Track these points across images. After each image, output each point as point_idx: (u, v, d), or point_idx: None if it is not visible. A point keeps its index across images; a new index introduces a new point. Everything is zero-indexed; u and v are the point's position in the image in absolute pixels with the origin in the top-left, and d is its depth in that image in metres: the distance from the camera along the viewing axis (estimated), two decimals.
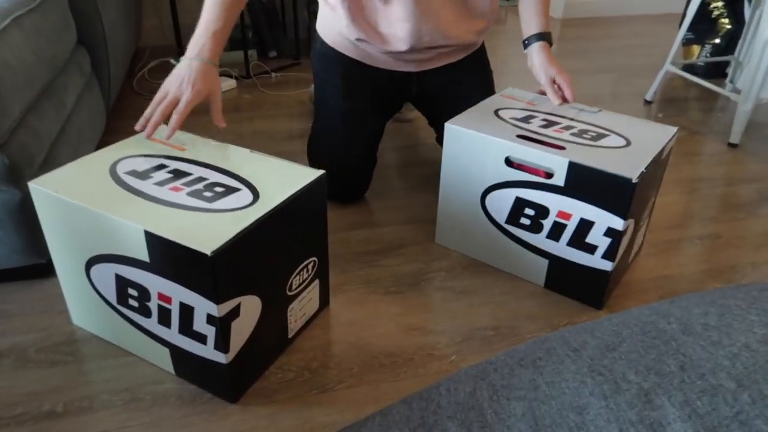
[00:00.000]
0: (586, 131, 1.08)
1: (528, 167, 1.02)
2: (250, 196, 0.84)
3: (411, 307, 1.07)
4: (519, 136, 1.04)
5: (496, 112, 1.14)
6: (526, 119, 1.11)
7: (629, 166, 0.96)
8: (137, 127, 0.98)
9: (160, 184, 0.87)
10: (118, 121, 1.75)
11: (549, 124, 1.10)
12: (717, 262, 1.23)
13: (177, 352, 0.87)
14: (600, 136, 1.06)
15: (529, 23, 1.22)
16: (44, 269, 1.11)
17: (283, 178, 0.89)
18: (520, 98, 1.22)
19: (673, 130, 1.11)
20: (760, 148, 1.71)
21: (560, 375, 0.38)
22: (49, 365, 0.93)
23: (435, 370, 0.94)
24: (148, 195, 0.84)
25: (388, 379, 0.92)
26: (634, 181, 0.93)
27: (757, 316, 0.39)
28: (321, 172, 0.91)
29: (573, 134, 1.06)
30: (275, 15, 2.28)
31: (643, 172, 0.94)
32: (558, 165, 0.98)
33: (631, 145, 1.04)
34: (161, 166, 0.92)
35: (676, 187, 1.50)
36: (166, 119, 0.98)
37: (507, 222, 1.10)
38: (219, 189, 0.86)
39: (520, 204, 1.06)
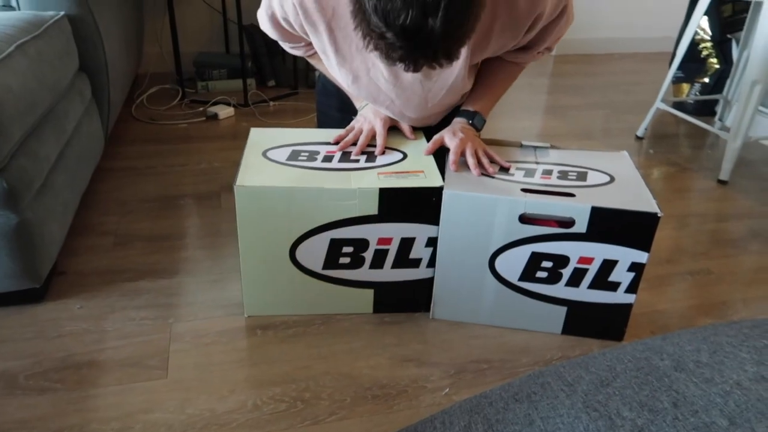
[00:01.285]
0: (566, 173, 1.09)
1: (541, 221, 1.01)
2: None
3: (405, 338, 1.07)
4: (524, 190, 1.01)
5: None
6: (506, 171, 1.09)
7: (642, 200, 0.99)
8: (337, 146, 1.12)
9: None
10: (115, 147, 1.76)
11: (529, 172, 1.09)
12: (708, 297, 1.24)
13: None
14: (583, 176, 1.08)
15: (468, 98, 1.17)
16: (38, 294, 1.10)
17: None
18: None
19: (626, 153, 1.18)
20: (750, 185, 1.74)
21: (555, 410, 0.39)
22: (38, 392, 0.92)
23: (428, 403, 0.94)
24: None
25: (381, 411, 0.92)
26: (659, 214, 0.96)
27: (749, 353, 0.40)
28: None
29: (560, 178, 1.07)
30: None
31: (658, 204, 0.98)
32: (579, 212, 0.98)
33: (615, 179, 1.06)
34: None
35: (668, 223, 1.52)
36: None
37: (521, 279, 1.06)
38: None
39: (536, 259, 1.03)
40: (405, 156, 1.10)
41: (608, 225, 0.98)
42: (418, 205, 1.01)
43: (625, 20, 3.09)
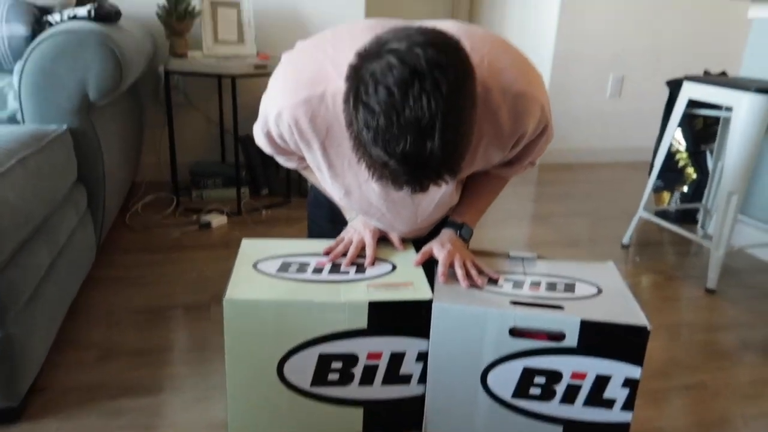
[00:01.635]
0: (554, 284, 1.10)
1: (531, 334, 1.00)
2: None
3: None
4: (514, 303, 1.01)
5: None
6: (494, 283, 1.09)
7: (630, 313, 0.99)
8: (327, 257, 1.12)
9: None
10: (107, 255, 1.76)
11: (518, 283, 1.09)
12: (707, 414, 1.21)
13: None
14: (571, 287, 1.09)
15: (456, 210, 1.18)
16: (14, 413, 1.06)
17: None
18: None
19: (612, 264, 1.19)
20: (737, 293, 1.75)
21: None
22: None
23: None
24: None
25: None
26: (648, 328, 0.95)
27: None
28: None
29: (548, 289, 1.07)
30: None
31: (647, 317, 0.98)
32: (569, 325, 0.97)
33: (603, 290, 1.07)
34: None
35: (659, 334, 1.51)
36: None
37: (515, 396, 1.03)
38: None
39: (528, 375, 1.01)
40: (394, 267, 1.10)
41: (598, 338, 0.97)
42: (407, 318, 1.01)
43: (604, 131, 3.25)
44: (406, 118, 0.74)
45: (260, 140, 1.13)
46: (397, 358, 1.03)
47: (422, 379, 1.05)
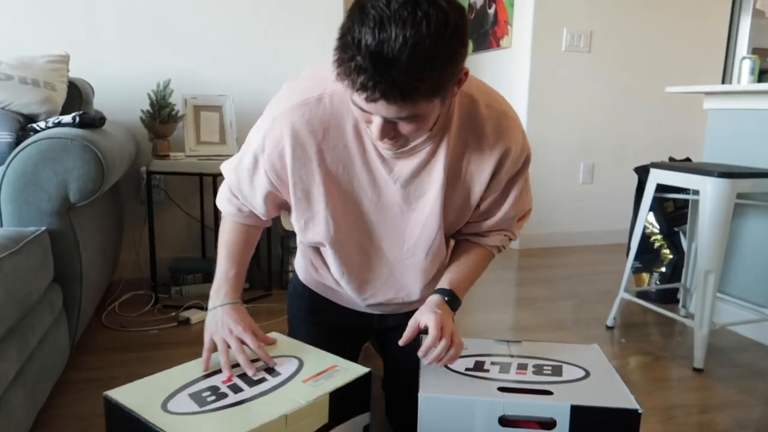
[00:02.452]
0: (541, 367, 1.08)
1: (522, 422, 0.96)
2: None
3: None
4: (501, 389, 0.99)
5: (446, 365, 1.08)
6: (480, 367, 1.08)
7: (620, 396, 0.97)
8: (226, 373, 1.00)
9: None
10: (81, 357, 1.71)
11: (504, 367, 1.08)
12: None
13: None
14: (558, 369, 1.07)
15: (446, 277, 1.15)
16: None
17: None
18: None
19: (597, 347, 1.19)
20: (726, 372, 1.74)
21: None
22: None
23: None
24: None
25: None
26: (640, 411, 0.93)
27: None
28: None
29: (536, 373, 1.06)
30: None
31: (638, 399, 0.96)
32: (559, 411, 0.95)
33: (591, 373, 1.06)
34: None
35: (652, 416, 1.48)
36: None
37: None
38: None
39: None
40: (301, 362, 1.04)
41: (590, 423, 0.95)
42: (356, 396, 1.00)
43: (580, 216, 3.33)
44: (392, 15, 0.76)
45: (228, 175, 1.16)
46: None
47: None
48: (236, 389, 0.94)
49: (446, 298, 1.09)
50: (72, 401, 1.46)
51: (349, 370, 1.01)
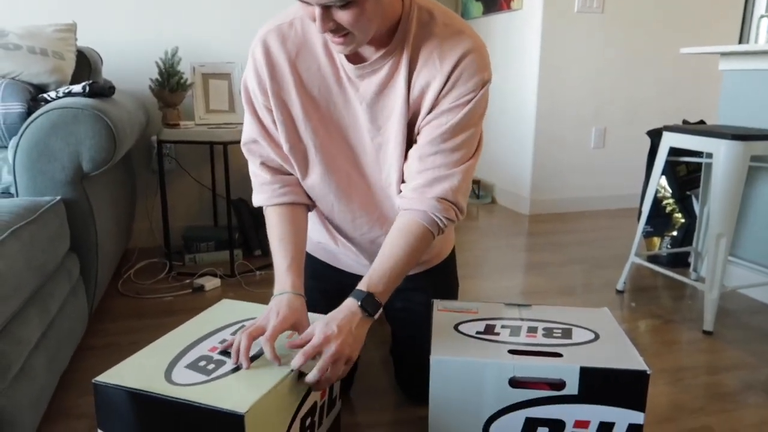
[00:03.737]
0: (551, 330, 1.10)
1: (531, 383, 0.99)
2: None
3: None
4: (511, 352, 1.01)
5: (456, 329, 1.10)
6: (490, 330, 1.09)
7: (629, 358, 0.99)
8: (233, 363, 0.92)
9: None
10: (99, 324, 1.75)
11: (515, 330, 1.09)
12: None
13: None
14: (568, 332, 1.09)
15: (370, 271, 1.04)
16: None
17: None
18: (460, 309, 1.19)
19: (607, 310, 1.20)
20: (735, 334, 1.75)
21: None
22: None
23: None
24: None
25: None
26: (648, 372, 0.95)
27: None
28: None
29: (545, 336, 1.07)
30: (260, 215, 2.41)
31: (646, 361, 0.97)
32: (569, 373, 0.97)
33: (600, 336, 1.07)
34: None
35: (661, 378, 1.49)
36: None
37: None
38: None
39: (531, 425, 1.00)
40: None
41: (599, 385, 0.97)
42: None
43: (591, 181, 3.31)
44: None
45: (245, 144, 1.16)
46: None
47: None
48: (228, 356, 0.94)
49: (359, 303, 0.99)
50: (93, 366, 1.50)
51: None
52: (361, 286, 1.02)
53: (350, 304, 1.00)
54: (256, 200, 1.18)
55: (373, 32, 0.98)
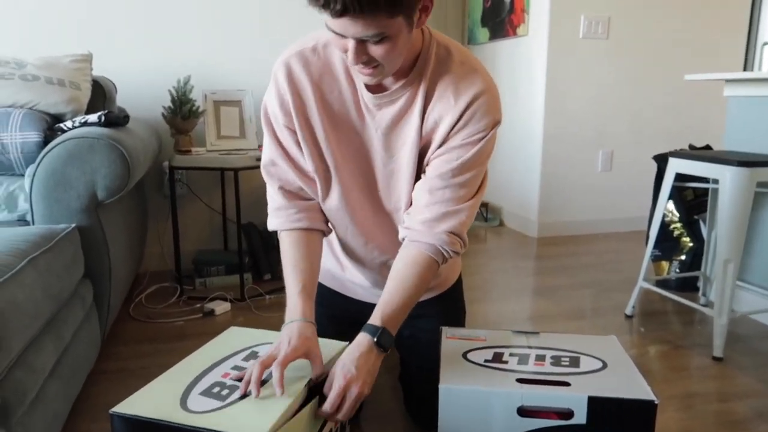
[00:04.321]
0: (559, 358, 1.10)
1: (540, 412, 0.99)
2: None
3: None
4: (519, 381, 1.02)
5: (465, 357, 1.11)
6: (499, 359, 1.10)
7: (637, 387, 0.99)
8: (241, 392, 0.93)
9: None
10: (111, 348, 1.76)
11: (523, 358, 1.10)
12: None
13: None
14: (575, 361, 1.09)
15: (378, 305, 1.06)
16: None
17: None
18: (468, 336, 1.20)
19: (614, 338, 1.20)
20: (745, 361, 1.74)
21: None
22: None
23: None
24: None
25: None
26: (656, 402, 0.95)
27: None
28: None
29: (553, 364, 1.08)
30: (270, 239, 2.44)
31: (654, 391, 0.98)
32: (577, 403, 0.97)
33: (608, 364, 1.08)
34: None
35: (671, 405, 1.49)
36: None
37: None
38: None
39: None
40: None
41: (607, 414, 0.97)
42: None
43: (599, 203, 3.32)
44: None
45: (265, 168, 1.18)
46: None
47: None
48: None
49: (375, 340, 1.01)
50: (104, 391, 1.52)
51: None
52: (374, 320, 1.04)
53: (365, 340, 1.02)
54: (272, 224, 1.20)
55: (400, 64, 1.02)
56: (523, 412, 0.99)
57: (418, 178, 1.13)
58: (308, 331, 1.04)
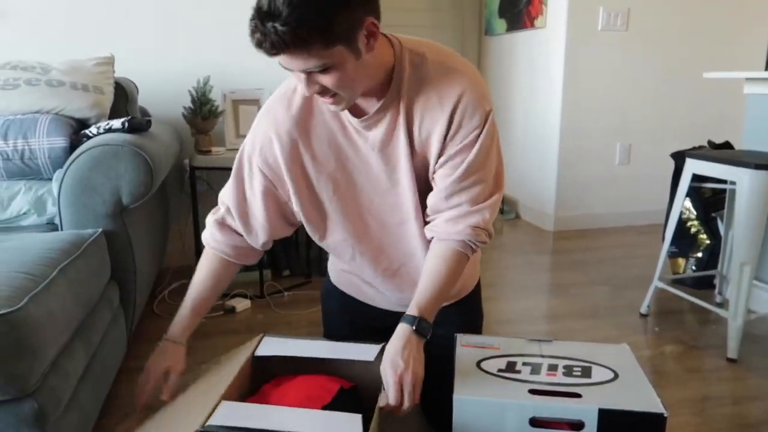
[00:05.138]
0: (571, 368, 1.12)
1: (552, 423, 1.01)
2: None
3: None
4: (531, 392, 1.04)
5: (479, 366, 1.13)
6: (511, 368, 1.12)
7: (647, 399, 1.01)
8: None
9: None
10: (137, 346, 1.82)
11: (536, 368, 1.12)
12: None
13: None
14: (587, 371, 1.11)
15: (416, 296, 1.10)
16: None
17: None
18: (482, 344, 1.22)
19: (627, 347, 1.21)
20: (760, 362, 1.75)
21: None
22: None
23: None
24: None
25: None
26: (665, 415, 0.97)
27: None
28: None
29: (565, 374, 1.10)
30: (289, 236, 2.48)
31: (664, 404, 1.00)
32: (588, 414, 0.99)
33: (619, 375, 1.10)
34: None
35: (684, 407, 1.51)
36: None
37: None
38: None
39: None
40: None
41: (617, 426, 0.99)
42: None
43: (615, 197, 3.31)
44: None
45: (226, 195, 1.25)
46: None
47: None
48: None
49: (414, 328, 1.06)
50: (131, 389, 1.56)
51: None
52: (411, 310, 1.08)
53: (405, 331, 1.06)
54: (205, 237, 1.27)
55: (362, 89, 1.02)
56: (536, 422, 1.02)
57: (423, 187, 1.14)
58: (172, 351, 1.21)
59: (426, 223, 1.16)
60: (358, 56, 0.95)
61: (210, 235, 1.25)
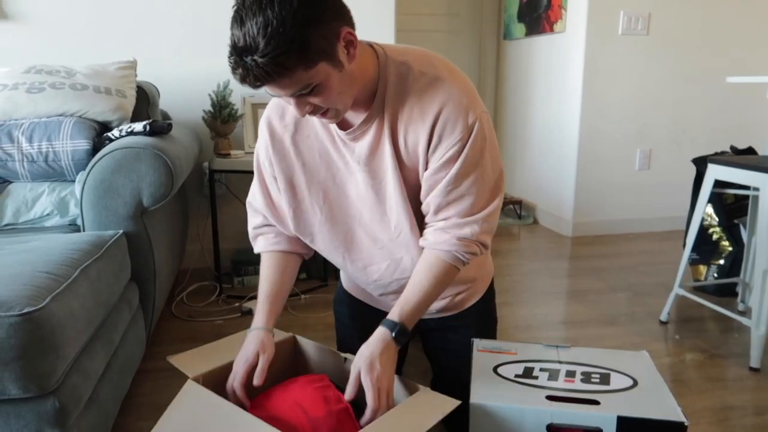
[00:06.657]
0: (589, 374, 1.11)
1: (570, 430, 1.01)
2: None
3: None
4: (549, 398, 1.03)
5: (495, 371, 1.13)
6: (529, 374, 1.12)
7: (667, 407, 1.00)
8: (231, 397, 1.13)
9: None
10: (156, 347, 1.84)
11: (553, 374, 1.12)
12: None
13: None
14: (606, 378, 1.10)
15: (399, 302, 1.11)
16: None
17: None
18: (499, 349, 1.22)
19: (646, 354, 1.19)
20: None
21: None
22: None
23: None
24: None
25: None
26: (686, 423, 0.96)
27: None
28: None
29: (583, 381, 1.09)
30: None
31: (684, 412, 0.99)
32: (606, 422, 0.99)
33: (638, 382, 1.09)
34: None
35: (705, 416, 1.48)
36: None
37: None
38: None
39: None
40: None
41: None
42: None
43: (636, 203, 3.27)
44: (246, 9, 0.87)
45: (253, 200, 1.28)
46: None
47: None
48: None
49: (393, 334, 1.07)
50: (149, 390, 1.60)
51: None
52: (392, 316, 1.09)
53: (384, 335, 1.07)
54: (257, 248, 1.29)
55: (352, 98, 1.02)
56: (553, 429, 1.01)
57: (414, 199, 1.13)
58: (262, 338, 1.16)
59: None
60: (341, 68, 0.95)
61: (259, 245, 1.28)
